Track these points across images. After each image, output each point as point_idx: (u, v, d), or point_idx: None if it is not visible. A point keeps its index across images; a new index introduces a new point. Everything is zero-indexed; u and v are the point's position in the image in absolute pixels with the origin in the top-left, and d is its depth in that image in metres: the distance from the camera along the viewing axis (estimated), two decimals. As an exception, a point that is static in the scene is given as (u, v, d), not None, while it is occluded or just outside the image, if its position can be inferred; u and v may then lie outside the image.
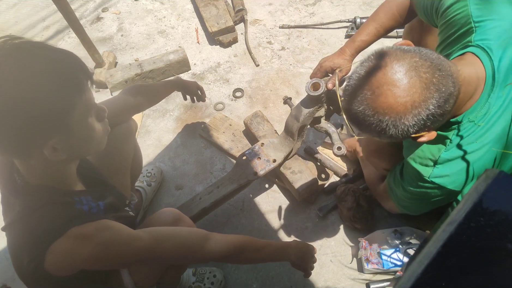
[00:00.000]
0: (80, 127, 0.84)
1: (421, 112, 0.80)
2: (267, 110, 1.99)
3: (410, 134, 0.84)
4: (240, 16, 2.39)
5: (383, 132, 0.84)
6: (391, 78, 0.80)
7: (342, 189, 1.58)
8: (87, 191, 0.98)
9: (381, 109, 0.81)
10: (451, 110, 0.86)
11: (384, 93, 0.80)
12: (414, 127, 0.82)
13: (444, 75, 0.80)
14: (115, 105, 1.25)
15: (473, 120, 0.93)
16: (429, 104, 0.80)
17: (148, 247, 0.93)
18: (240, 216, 1.66)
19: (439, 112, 0.82)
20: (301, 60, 2.20)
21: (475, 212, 0.72)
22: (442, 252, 0.67)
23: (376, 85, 0.81)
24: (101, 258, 0.86)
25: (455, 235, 0.69)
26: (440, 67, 0.81)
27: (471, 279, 0.68)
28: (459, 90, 0.85)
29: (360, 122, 0.87)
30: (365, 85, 0.83)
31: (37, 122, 0.75)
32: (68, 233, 0.81)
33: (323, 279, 1.47)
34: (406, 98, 0.79)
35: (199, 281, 1.43)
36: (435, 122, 0.84)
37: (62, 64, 0.78)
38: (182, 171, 1.82)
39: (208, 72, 2.21)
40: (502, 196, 0.75)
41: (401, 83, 0.79)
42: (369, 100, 0.82)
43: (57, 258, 0.81)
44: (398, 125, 0.82)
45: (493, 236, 0.71)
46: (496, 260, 0.69)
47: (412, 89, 0.79)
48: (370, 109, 0.82)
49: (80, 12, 2.62)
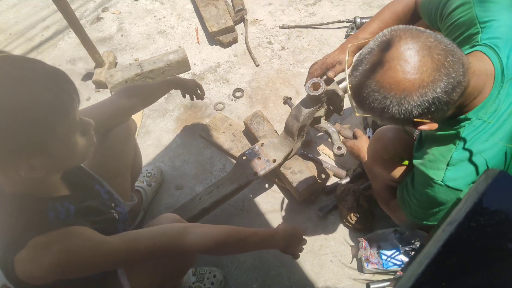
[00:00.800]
0: (62, 146, 0.83)
1: (428, 93, 0.78)
2: (267, 110, 1.99)
3: (412, 117, 0.82)
4: (240, 16, 2.39)
5: (385, 110, 0.82)
6: (403, 54, 0.78)
7: (342, 189, 1.58)
8: (66, 196, 0.96)
9: (387, 84, 0.80)
10: (456, 101, 0.84)
11: (393, 68, 0.79)
12: (417, 109, 0.80)
13: (456, 61, 0.79)
14: (108, 108, 1.24)
15: (483, 118, 0.91)
16: (437, 86, 0.78)
17: (118, 250, 0.91)
18: (240, 216, 1.66)
19: (445, 99, 0.80)
20: (301, 60, 2.20)
21: (475, 211, 0.72)
22: (442, 252, 0.67)
23: (386, 59, 0.79)
24: (66, 266, 0.83)
25: (455, 235, 0.69)
26: (453, 53, 0.79)
27: (471, 279, 0.68)
28: (468, 82, 0.83)
29: (364, 98, 0.84)
30: (375, 58, 0.81)
31: (15, 142, 0.74)
32: (30, 243, 0.80)
33: (323, 279, 1.47)
34: (415, 75, 0.77)
35: (199, 281, 1.43)
36: (438, 111, 0.82)
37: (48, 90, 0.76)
38: (182, 171, 1.82)
39: (208, 72, 2.21)
40: (502, 195, 0.75)
41: (412, 59, 0.78)
42: (377, 74, 0.81)
43: (23, 268, 0.81)
44: (402, 103, 0.80)
45: (493, 236, 0.71)
46: (496, 260, 0.69)
47: (423, 67, 0.77)
48: (377, 83, 0.81)
49: (80, 12, 2.62)
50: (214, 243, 1.03)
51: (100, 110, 1.20)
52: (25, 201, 0.86)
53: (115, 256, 0.91)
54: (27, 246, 0.80)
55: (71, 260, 0.84)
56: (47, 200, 0.90)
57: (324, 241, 1.56)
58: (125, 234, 0.98)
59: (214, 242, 1.03)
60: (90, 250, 0.87)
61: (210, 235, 1.04)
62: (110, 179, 1.24)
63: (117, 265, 0.99)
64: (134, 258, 0.95)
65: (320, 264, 1.50)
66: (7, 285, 1.06)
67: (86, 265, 0.87)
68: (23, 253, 0.80)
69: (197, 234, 1.02)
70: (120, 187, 1.32)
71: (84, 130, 0.89)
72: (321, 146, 1.83)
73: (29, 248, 0.80)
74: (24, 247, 0.80)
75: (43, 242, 0.81)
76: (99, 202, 1.10)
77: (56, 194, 0.94)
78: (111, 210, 1.13)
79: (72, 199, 0.96)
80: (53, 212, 0.87)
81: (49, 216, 0.87)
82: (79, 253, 0.85)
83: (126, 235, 0.97)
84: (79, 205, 0.97)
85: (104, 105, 1.24)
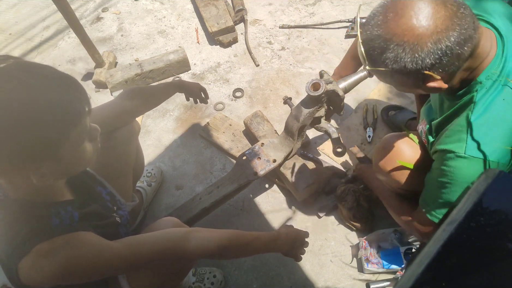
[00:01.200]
0: (72, 153, 0.83)
1: (441, 40, 0.78)
2: (267, 110, 1.99)
3: (424, 68, 0.81)
4: (240, 16, 2.39)
5: (397, 59, 0.81)
6: (417, 3, 0.79)
7: (342, 189, 1.58)
8: (70, 201, 0.96)
9: (401, 31, 0.79)
10: (467, 59, 0.84)
11: (407, 15, 0.79)
12: (430, 57, 0.79)
13: (467, 15, 0.80)
14: (111, 110, 1.24)
15: (493, 77, 0.90)
16: (450, 35, 0.78)
17: (121, 255, 0.91)
18: (240, 216, 1.66)
19: (457, 51, 0.79)
20: (301, 60, 2.20)
21: (475, 211, 0.72)
22: (442, 252, 0.67)
23: (400, 7, 0.80)
24: (70, 272, 0.83)
25: (455, 235, 0.69)
26: (465, 6, 0.81)
27: (471, 279, 0.68)
28: (478, 39, 0.83)
29: (376, 49, 0.83)
30: (388, 9, 0.82)
31: (28, 149, 0.74)
32: (34, 250, 0.80)
33: (323, 279, 1.47)
34: (430, 21, 0.78)
35: (199, 281, 1.43)
36: (450, 65, 0.81)
37: (62, 96, 0.77)
38: (182, 171, 1.82)
39: (208, 72, 2.21)
40: (502, 195, 0.75)
41: (426, 7, 0.78)
42: (390, 23, 0.80)
43: (27, 274, 0.81)
44: (416, 49, 0.79)
45: (493, 236, 0.71)
46: (496, 260, 0.69)
47: (437, 14, 0.78)
48: (390, 31, 0.80)
49: (80, 12, 2.62)
50: (216, 248, 1.04)
51: (103, 112, 1.19)
52: (29, 207, 0.86)
53: (118, 262, 0.91)
54: (31, 253, 0.80)
55: (75, 267, 0.84)
56: (51, 205, 0.90)
57: (324, 241, 1.56)
58: (127, 240, 0.97)
59: (216, 247, 1.04)
60: (93, 257, 0.87)
61: (212, 240, 1.04)
62: (112, 180, 1.24)
63: (120, 271, 1.00)
64: (136, 264, 0.96)
65: (320, 264, 1.50)
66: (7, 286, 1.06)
67: (90, 271, 0.87)
68: (27, 259, 0.80)
69: (199, 240, 1.02)
70: (122, 187, 1.32)
71: (92, 136, 0.89)
72: (321, 146, 1.83)
73: (33, 254, 0.80)
74: (28, 254, 0.80)
75: (48, 249, 0.82)
76: (101, 205, 1.10)
77: (60, 199, 0.94)
78: (113, 213, 1.13)
79: (76, 204, 0.96)
80: (57, 219, 0.87)
81: (53, 222, 0.87)
82: (83, 260, 0.85)
83: (129, 241, 0.96)
84: (83, 210, 0.97)
85: (107, 108, 1.24)
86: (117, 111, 1.25)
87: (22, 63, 0.77)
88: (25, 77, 0.74)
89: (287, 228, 1.25)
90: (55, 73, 0.79)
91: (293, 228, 1.28)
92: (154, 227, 1.20)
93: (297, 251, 1.25)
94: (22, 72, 0.75)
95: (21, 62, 0.77)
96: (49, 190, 0.90)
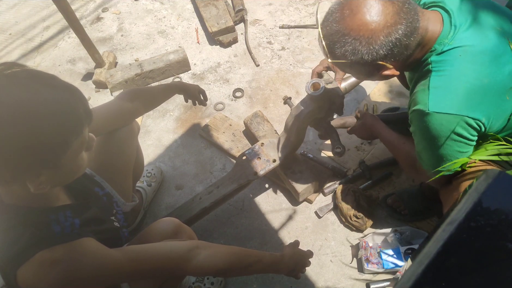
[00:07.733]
0: (71, 162, 0.83)
1: (392, 34, 0.91)
2: (267, 110, 1.99)
3: (378, 58, 0.94)
4: (240, 16, 2.39)
5: (355, 52, 0.93)
6: (368, 1, 0.92)
7: (342, 189, 1.58)
8: (69, 206, 0.96)
9: (356, 26, 0.92)
10: (415, 48, 0.97)
11: (361, 12, 0.92)
12: (383, 49, 0.92)
13: (411, 9, 0.93)
14: (111, 111, 1.24)
15: (444, 41, 0.97)
16: (398, 28, 0.91)
17: (123, 269, 0.90)
18: (240, 216, 1.66)
19: (405, 42, 0.93)
20: (301, 60, 2.20)
21: (475, 211, 0.72)
22: (442, 252, 0.67)
23: (354, 4, 0.93)
24: (71, 282, 0.82)
25: (455, 235, 0.69)
26: (409, 2, 0.94)
27: (471, 279, 0.68)
28: (425, 28, 0.96)
29: (335, 43, 0.95)
30: (344, 7, 0.94)
31: (32, 156, 0.74)
32: (34, 258, 0.79)
33: (323, 279, 1.47)
34: (380, 17, 0.91)
35: (199, 281, 1.43)
36: (400, 54, 0.95)
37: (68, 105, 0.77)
38: (182, 171, 1.82)
39: (208, 72, 2.21)
40: (502, 195, 0.75)
41: (377, 5, 0.91)
42: (346, 19, 0.93)
43: (26, 281, 0.80)
44: (370, 42, 0.92)
45: (493, 236, 0.71)
46: (496, 260, 0.69)
47: (386, 10, 0.91)
48: (347, 27, 0.93)
49: (80, 12, 2.62)
50: (215, 271, 1.05)
51: (103, 113, 1.19)
52: (26, 213, 0.85)
53: (120, 274, 0.91)
54: (32, 260, 0.79)
55: (77, 278, 0.83)
56: (48, 211, 0.89)
57: (324, 241, 1.56)
58: (130, 251, 0.96)
59: (215, 270, 1.04)
60: (97, 268, 0.86)
61: (214, 263, 1.02)
62: (112, 180, 1.24)
63: (121, 281, 1.01)
64: (137, 276, 0.97)
65: (320, 264, 1.50)
66: (7, 286, 1.05)
67: (90, 281, 0.87)
68: (27, 267, 0.79)
69: (200, 262, 1.00)
70: (122, 187, 1.32)
71: (89, 145, 0.89)
72: (321, 146, 1.83)
73: (34, 262, 0.80)
74: (28, 261, 0.79)
75: (50, 258, 0.81)
76: (99, 207, 1.09)
77: (56, 204, 0.93)
78: (111, 217, 1.13)
79: (74, 208, 0.95)
80: (58, 226, 0.86)
81: (55, 229, 0.86)
82: (85, 272, 0.84)
83: (131, 253, 0.95)
84: (82, 216, 0.96)
85: (107, 108, 1.23)
86: (117, 112, 1.25)
87: (30, 72, 0.77)
88: (33, 85, 0.74)
89: (292, 248, 1.23)
90: (61, 82, 0.79)
91: (298, 249, 1.26)
92: (154, 227, 1.20)
93: (299, 272, 1.25)
94: (30, 80, 0.75)
95: (28, 71, 0.77)
96: (45, 196, 0.89)
